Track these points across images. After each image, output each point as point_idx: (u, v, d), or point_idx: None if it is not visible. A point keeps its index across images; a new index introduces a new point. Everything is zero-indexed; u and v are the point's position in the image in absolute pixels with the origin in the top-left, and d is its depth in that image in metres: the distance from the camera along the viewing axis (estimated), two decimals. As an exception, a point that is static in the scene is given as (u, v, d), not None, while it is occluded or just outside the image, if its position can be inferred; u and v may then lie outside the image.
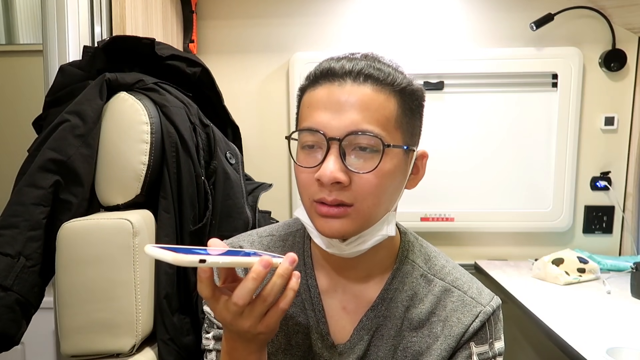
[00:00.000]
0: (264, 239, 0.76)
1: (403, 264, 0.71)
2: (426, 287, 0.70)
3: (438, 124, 1.66)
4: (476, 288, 0.70)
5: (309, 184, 0.62)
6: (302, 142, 0.63)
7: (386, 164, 0.60)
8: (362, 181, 0.60)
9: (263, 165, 1.71)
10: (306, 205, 0.64)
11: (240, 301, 0.53)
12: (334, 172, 0.58)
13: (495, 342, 0.68)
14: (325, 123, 0.60)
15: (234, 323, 0.56)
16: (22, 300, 0.78)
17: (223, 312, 0.56)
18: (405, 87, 0.63)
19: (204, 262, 0.48)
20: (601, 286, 1.36)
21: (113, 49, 0.97)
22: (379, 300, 0.69)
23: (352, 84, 0.60)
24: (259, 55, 1.70)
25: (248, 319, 0.55)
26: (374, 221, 0.63)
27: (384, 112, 0.60)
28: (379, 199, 0.61)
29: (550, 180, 1.66)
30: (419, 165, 0.68)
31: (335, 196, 0.60)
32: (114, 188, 0.90)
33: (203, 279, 0.54)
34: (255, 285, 0.53)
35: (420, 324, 0.68)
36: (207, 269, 0.54)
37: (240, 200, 1.05)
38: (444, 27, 1.67)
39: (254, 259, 0.54)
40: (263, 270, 0.53)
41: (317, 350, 0.70)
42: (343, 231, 0.61)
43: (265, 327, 0.56)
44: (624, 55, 1.62)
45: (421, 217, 1.69)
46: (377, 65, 0.62)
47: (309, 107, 0.63)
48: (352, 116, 0.59)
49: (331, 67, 0.62)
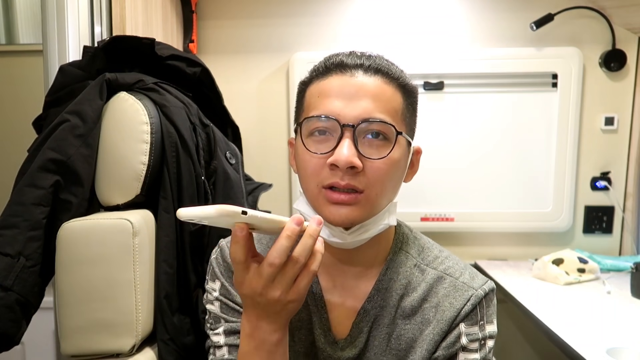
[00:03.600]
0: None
1: (397, 254, 0.72)
2: (419, 276, 0.71)
3: (438, 124, 1.66)
4: (469, 274, 0.71)
5: (319, 170, 0.62)
6: (312, 129, 0.63)
7: (395, 153, 0.63)
8: (374, 168, 0.61)
9: (263, 165, 1.71)
10: (313, 193, 0.64)
11: (277, 260, 0.52)
12: (349, 157, 0.59)
13: (487, 325, 0.68)
14: (339, 110, 0.61)
15: (264, 292, 0.54)
16: (22, 300, 0.78)
17: (254, 281, 0.54)
18: (407, 83, 0.67)
19: (245, 214, 0.48)
20: (601, 286, 1.37)
21: (113, 49, 0.97)
22: (374, 291, 0.70)
23: (363, 75, 0.63)
24: (259, 55, 1.70)
25: (279, 285, 0.54)
26: (378, 210, 0.65)
27: (393, 103, 0.64)
28: (386, 186, 0.63)
29: (550, 180, 1.66)
30: (414, 160, 0.71)
31: (348, 180, 0.61)
32: (114, 188, 0.90)
33: (240, 238, 0.52)
34: (290, 243, 0.52)
35: (412, 311, 0.69)
36: (244, 227, 0.52)
37: (240, 200, 1.06)
38: (444, 27, 1.67)
39: (286, 218, 0.54)
40: (296, 228, 0.53)
41: (320, 345, 0.71)
42: (352, 218, 0.62)
43: (296, 294, 0.55)
44: (624, 55, 1.62)
45: (421, 217, 1.69)
46: (384, 62, 0.66)
47: (319, 96, 0.64)
48: (365, 104, 0.61)
49: (342, 60, 0.64)
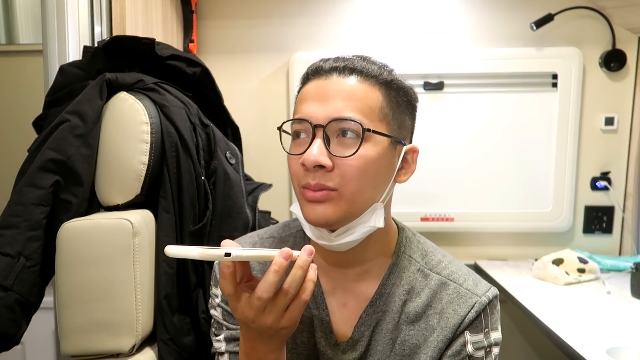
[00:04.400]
0: (265, 240, 0.77)
1: (400, 259, 0.72)
2: (423, 281, 0.70)
3: (438, 124, 1.66)
4: (472, 280, 0.71)
5: (298, 171, 0.64)
6: (293, 133, 0.67)
7: (368, 150, 0.62)
8: (345, 166, 0.62)
9: (263, 165, 1.71)
10: (296, 193, 0.67)
11: (265, 294, 0.54)
12: (316, 156, 0.60)
13: (492, 332, 0.68)
14: (312, 112, 0.63)
15: (256, 320, 0.56)
16: (22, 300, 0.78)
17: (245, 310, 0.56)
18: (391, 81, 0.66)
19: (229, 256, 0.49)
20: (601, 286, 1.37)
21: (113, 49, 0.97)
22: (377, 296, 0.70)
23: (337, 77, 0.64)
24: (259, 55, 1.70)
25: (271, 313, 0.55)
26: (360, 211, 0.64)
27: (367, 101, 0.63)
28: (362, 184, 0.63)
29: (550, 180, 1.66)
30: (409, 159, 0.70)
31: (318, 180, 0.62)
32: (114, 188, 0.90)
33: (226, 274, 0.55)
34: (278, 278, 0.54)
35: (417, 317, 0.69)
36: (229, 264, 0.54)
37: (240, 200, 1.06)
38: (444, 27, 1.67)
39: (275, 252, 0.54)
40: (284, 262, 0.54)
41: (322, 348, 0.71)
42: (327, 216, 0.62)
43: (288, 321, 0.57)
44: (624, 55, 1.62)
45: (421, 217, 1.69)
46: (362, 62, 0.66)
47: (299, 102, 0.67)
48: (336, 104, 0.62)
49: (320, 65, 0.66)
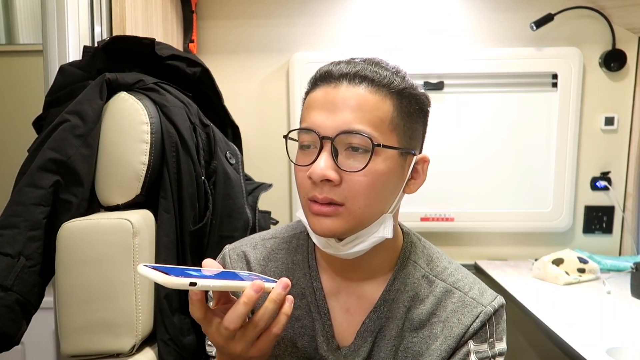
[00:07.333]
0: (267, 241, 0.76)
1: (405, 264, 0.70)
2: (427, 288, 0.69)
3: (438, 124, 1.66)
4: (478, 289, 0.70)
5: (305, 182, 0.62)
6: (300, 142, 0.65)
7: (378, 165, 0.60)
8: (353, 181, 0.60)
9: (263, 165, 1.71)
10: (302, 203, 0.65)
11: (231, 325, 0.53)
12: (323, 170, 0.59)
13: (497, 343, 0.67)
14: (320, 123, 0.61)
15: (225, 346, 0.55)
16: (22, 300, 0.78)
17: (215, 335, 0.55)
18: (403, 89, 0.62)
19: (194, 285, 0.48)
20: (601, 286, 1.37)
21: (113, 49, 0.97)
22: (381, 302, 0.69)
23: (347, 85, 0.61)
24: (259, 55, 1.70)
25: (240, 343, 0.55)
26: (369, 222, 0.63)
27: (378, 112, 0.60)
28: (370, 199, 0.61)
29: (550, 180, 1.66)
30: (419, 169, 0.67)
31: (325, 194, 0.60)
32: (114, 188, 0.90)
33: (194, 301, 0.54)
34: (246, 310, 0.53)
35: (420, 324, 0.68)
36: (198, 292, 0.53)
37: (240, 200, 1.06)
38: (444, 27, 1.67)
39: (246, 283, 0.53)
40: (254, 295, 0.53)
41: (323, 353, 0.69)
42: (334, 230, 0.61)
43: (258, 352, 0.56)
44: (624, 55, 1.62)
45: (421, 217, 1.69)
46: (374, 69, 0.62)
47: (307, 109, 0.64)
48: (345, 116, 0.60)
49: (329, 70, 0.63)
